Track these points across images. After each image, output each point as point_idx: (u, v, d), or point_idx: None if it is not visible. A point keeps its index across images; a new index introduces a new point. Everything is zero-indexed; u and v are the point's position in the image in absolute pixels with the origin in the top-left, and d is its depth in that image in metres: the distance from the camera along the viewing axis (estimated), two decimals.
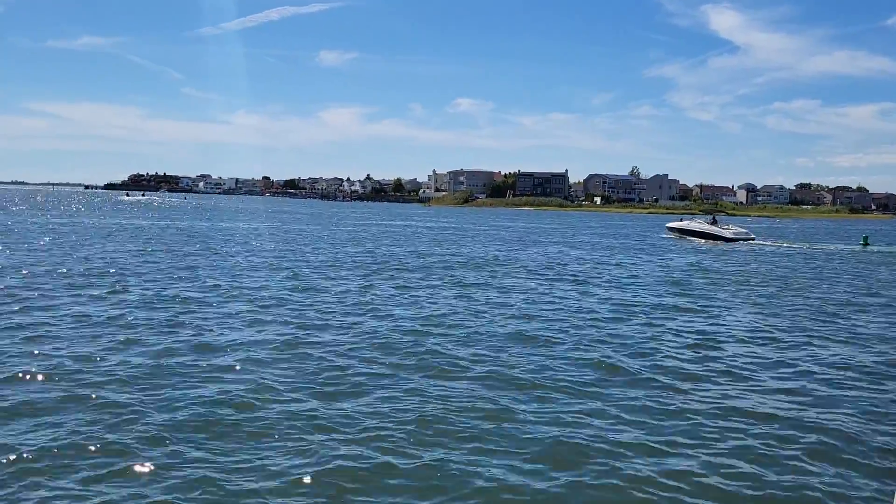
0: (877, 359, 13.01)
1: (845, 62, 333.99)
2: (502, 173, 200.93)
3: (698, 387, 10.70)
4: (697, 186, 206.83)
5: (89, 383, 9.73)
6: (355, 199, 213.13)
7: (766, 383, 11.02)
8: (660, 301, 19.74)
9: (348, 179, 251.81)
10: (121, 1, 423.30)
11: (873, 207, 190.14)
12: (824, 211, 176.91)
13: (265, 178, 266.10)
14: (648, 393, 10.27)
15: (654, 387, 10.60)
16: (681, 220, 58.65)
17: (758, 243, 48.45)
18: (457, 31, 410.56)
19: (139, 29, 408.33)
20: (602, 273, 27.32)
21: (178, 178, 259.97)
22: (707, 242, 48.09)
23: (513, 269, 27.38)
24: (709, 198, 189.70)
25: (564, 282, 23.83)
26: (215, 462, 7.34)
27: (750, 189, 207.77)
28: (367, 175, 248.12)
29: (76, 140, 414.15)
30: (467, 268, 27.54)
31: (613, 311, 17.57)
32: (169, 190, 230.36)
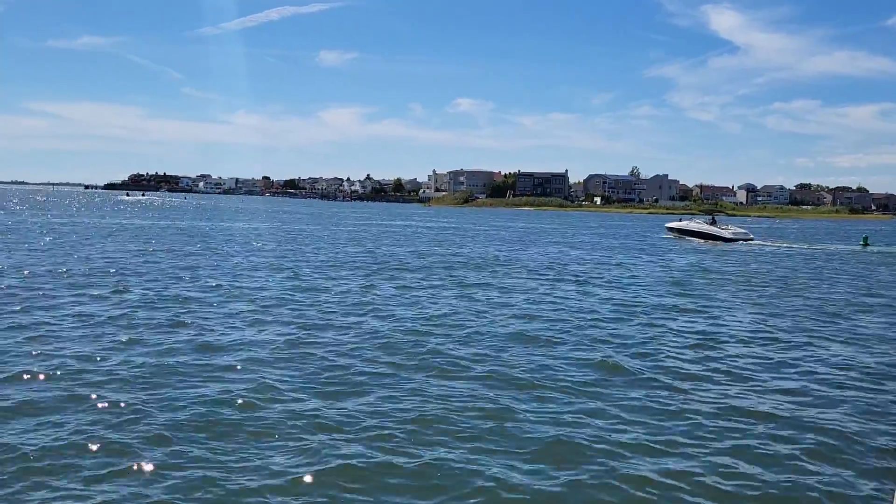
0: (877, 359, 13.03)
1: (845, 62, 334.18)
2: (502, 173, 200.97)
3: (699, 387, 10.72)
4: (697, 187, 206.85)
5: (91, 383, 9.76)
6: (355, 199, 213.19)
7: (767, 383, 11.04)
8: (660, 301, 19.77)
9: (348, 179, 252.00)
10: (121, 1, 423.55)
11: (873, 208, 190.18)
12: (824, 211, 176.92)
13: (265, 178, 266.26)
14: (649, 393, 10.29)
15: (655, 387, 10.63)
16: (680, 221, 58.74)
17: (757, 243, 48.50)
18: (457, 31, 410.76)
19: (139, 29, 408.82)
20: (603, 273, 27.35)
21: (178, 178, 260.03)
22: (706, 242, 48.14)
23: (513, 269, 27.40)
24: (709, 198, 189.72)
25: (565, 282, 23.85)
26: (217, 461, 7.36)
27: (750, 189, 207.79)
28: (367, 175, 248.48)
29: (76, 140, 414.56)
30: (468, 268, 27.57)
31: (614, 311, 17.60)
32: (169, 190, 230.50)
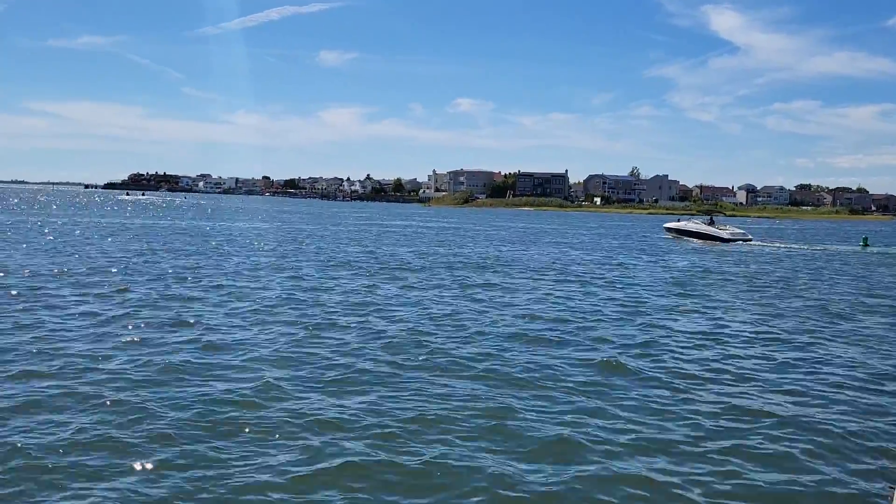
0: (877, 359, 13.08)
1: (845, 63, 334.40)
2: (502, 173, 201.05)
3: (700, 387, 10.76)
4: (697, 187, 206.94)
5: (94, 382, 9.79)
6: (355, 199, 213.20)
7: (767, 383, 11.08)
8: (661, 301, 19.81)
9: (348, 179, 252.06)
10: (121, 0, 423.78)
11: (873, 208, 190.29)
12: (824, 212, 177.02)
13: (265, 178, 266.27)
14: (650, 393, 10.33)
15: (656, 387, 10.66)
16: (678, 221, 58.86)
17: (754, 244, 48.61)
18: (457, 31, 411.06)
19: (139, 28, 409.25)
20: (603, 273, 27.38)
21: (178, 178, 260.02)
22: (705, 243, 48.24)
23: (514, 270, 27.44)
24: (709, 198, 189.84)
25: (566, 282, 23.89)
26: (220, 459, 7.40)
27: (750, 190, 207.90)
28: (367, 175, 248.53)
29: (76, 139, 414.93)
30: (469, 268, 27.60)
31: (615, 312, 17.63)
32: (169, 189, 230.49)
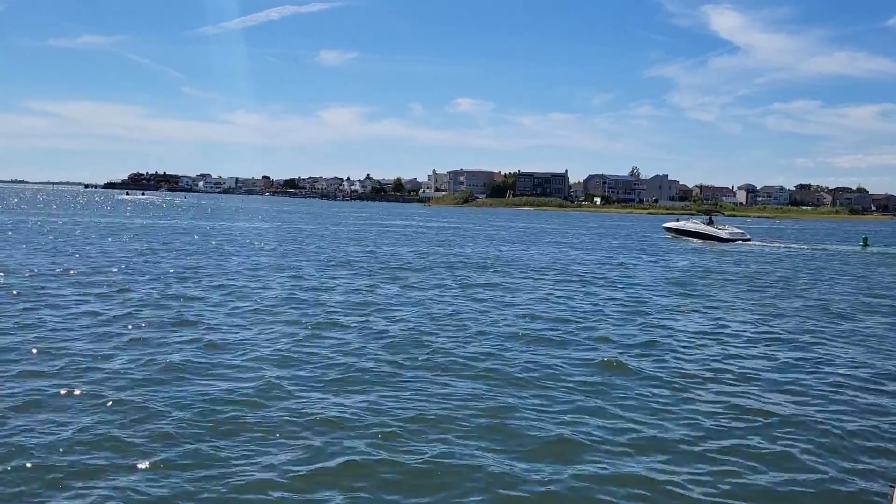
0: (877, 359, 13.11)
1: (845, 63, 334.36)
2: (502, 173, 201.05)
3: (700, 386, 10.79)
4: (697, 187, 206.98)
5: (96, 381, 9.82)
6: (355, 199, 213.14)
7: (768, 383, 11.10)
8: (662, 301, 19.84)
9: (348, 179, 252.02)
10: (121, 0, 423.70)
11: (873, 208, 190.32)
12: (824, 212, 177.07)
13: (265, 178, 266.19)
14: (651, 392, 10.36)
15: (657, 386, 10.69)
16: (677, 221, 58.95)
17: (753, 244, 48.72)
18: (457, 31, 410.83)
19: (140, 28, 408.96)
20: (604, 273, 27.41)
21: (178, 178, 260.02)
22: (704, 243, 48.33)
23: (515, 269, 27.47)
24: (709, 198, 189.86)
25: (566, 282, 23.92)
26: (221, 458, 7.42)
27: (750, 190, 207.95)
28: (367, 175, 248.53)
29: (76, 139, 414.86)
30: (469, 267, 27.63)
31: (616, 311, 17.66)
32: (169, 189, 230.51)
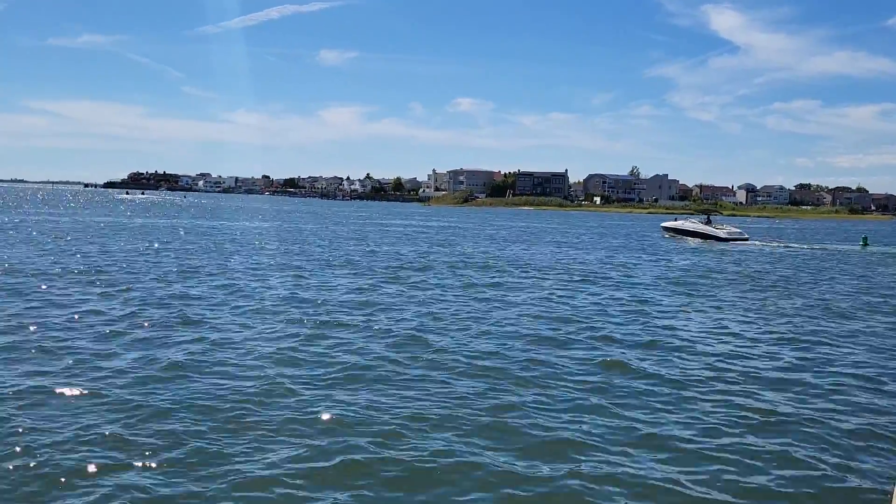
0: (878, 358, 13.13)
1: (845, 63, 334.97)
2: (502, 173, 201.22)
3: (702, 385, 10.81)
4: (697, 186, 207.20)
5: (99, 380, 9.83)
6: (355, 199, 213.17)
7: (769, 382, 11.12)
8: (664, 301, 19.86)
9: (348, 178, 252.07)
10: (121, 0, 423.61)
11: (873, 208, 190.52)
12: (824, 211, 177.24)
13: (265, 177, 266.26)
14: (653, 391, 10.38)
15: (659, 385, 10.71)
16: (675, 220, 59.07)
17: (752, 243, 48.85)
18: (457, 31, 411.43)
19: (140, 27, 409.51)
20: (605, 273, 27.43)
21: (178, 177, 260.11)
22: (703, 242, 48.45)
23: (516, 269, 27.49)
24: (708, 198, 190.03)
25: (568, 281, 23.94)
26: (224, 456, 7.44)
27: (749, 189, 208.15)
28: (367, 174, 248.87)
29: (76, 138, 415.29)
30: (470, 267, 27.65)
31: (618, 311, 17.68)
32: (169, 189, 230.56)
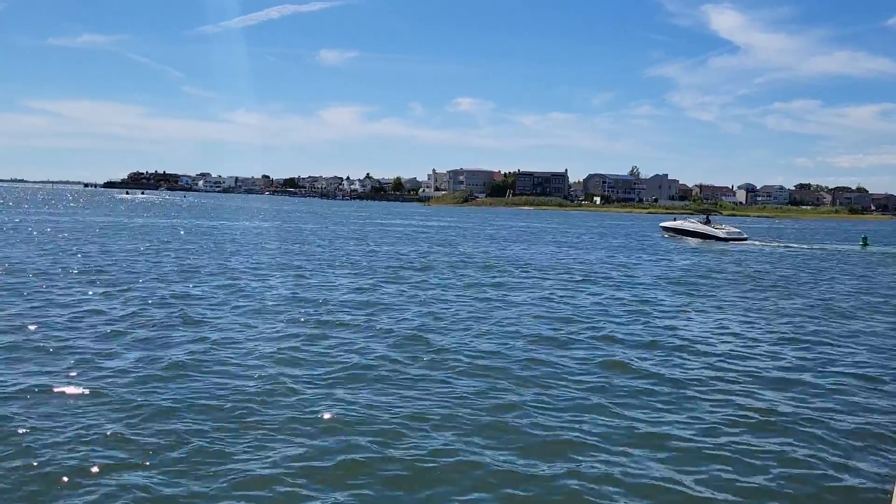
0: (878, 358, 13.16)
1: (845, 63, 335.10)
2: (502, 173, 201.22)
3: (703, 385, 10.83)
4: (697, 186, 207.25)
5: (101, 379, 9.84)
6: (355, 198, 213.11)
7: (770, 382, 11.14)
8: (665, 301, 19.88)
9: (348, 178, 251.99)
10: None
11: (873, 208, 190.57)
12: (824, 211, 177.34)
13: (265, 177, 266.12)
14: (654, 391, 10.41)
15: (660, 385, 10.74)
16: (674, 220, 59.21)
17: (752, 243, 48.97)
18: (457, 31, 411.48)
19: (140, 27, 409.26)
20: (605, 272, 27.47)
21: (178, 177, 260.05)
22: (702, 242, 48.56)
23: (516, 268, 27.52)
24: (708, 198, 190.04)
25: (569, 281, 23.97)
26: (225, 454, 7.46)
27: (749, 189, 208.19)
28: (367, 174, 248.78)
29: (76, 138, 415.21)
30: (471, 267, 27.67)
31: (619, 311, 17.70)
32: (168, 188, 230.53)
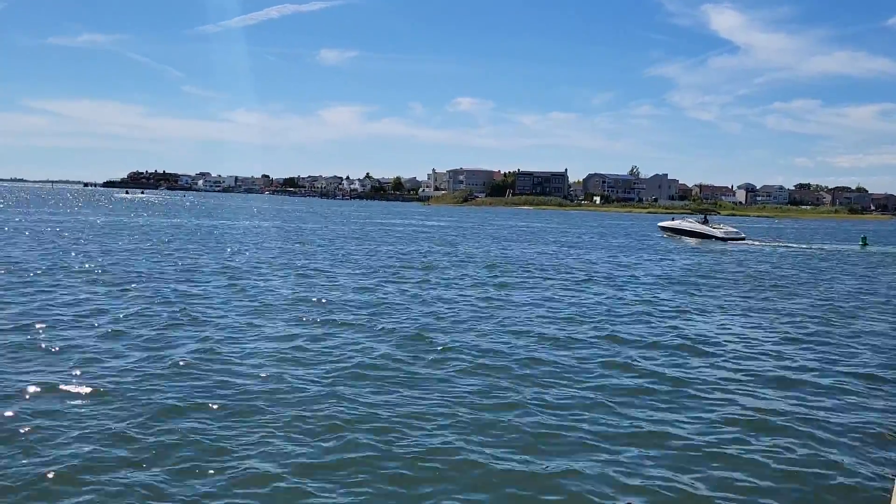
0: (875, 357, 13.20)
1: (845, 62, 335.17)
2: (502, 172, 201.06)
3: (704, 384, 10.88)
4: (697, 186, 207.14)
5: (105, 378, 9.89)
6: (355, 198, 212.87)
7: (771, 381, 11.19)
8: (666, 300, 19.92)
9: (348, 178, 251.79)
10: None
11: (872, 208, 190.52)
12: (823, 211, 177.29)
13: (265, 177, 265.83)
14: (654, 390, 10.45)
15: (661, 384, 10.78)
16: (672, 220, 59.37)
17: (752, 243, 49.09)
18: (457, 31, 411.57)
19: (140, 27, 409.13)
20: (606, 272, 27.51)
21: (178, 177, 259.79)
22: (700, 242, 48.70)
23: (517, 268, 27.56)
24: (708, 197, 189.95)
25: (570, 280, 24.00)
26: (227, 451, 7.52)
27: (749, 189, 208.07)
28: (367, 174, 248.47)
29: (76, 137, 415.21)
30: (472, 266, 27.70)
31: (620, 310, 17.74)
32: (168, 188, 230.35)
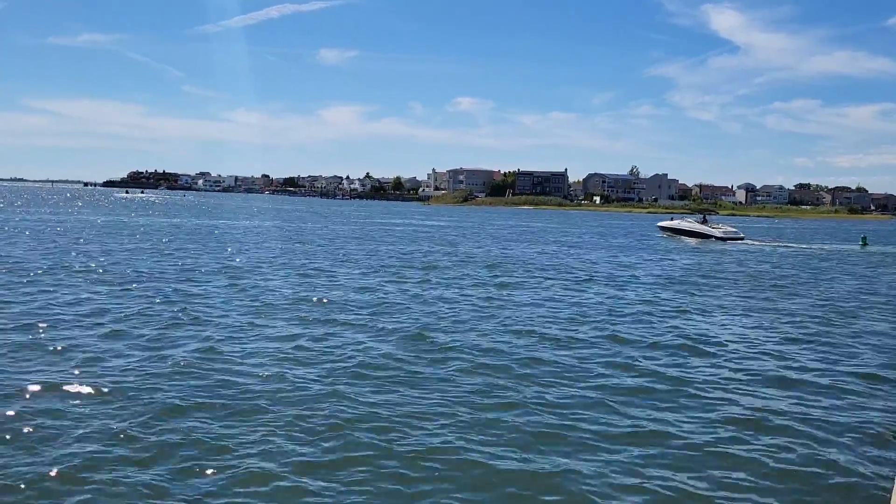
0: (876, 358, 13.23)
1: (845, 62, 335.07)
2: (502, 172, 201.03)
3: (705, 384, 10.90)
4: (697, 186, 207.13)
5: (106, 378, 9.90)
6: (355, 198, 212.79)
7: (771, 381, 11.21)
8: (667, 300, 19.93)
9: (348, 178, 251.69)
10: None
11: (872, 208, 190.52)
12: (823, 211, 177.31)
13: (265, 176, 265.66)
14: (655, 389, 10.48)
15: (661, 384, 10.81)
16: (671, 220, 59.53)
17: (752, 243, 49.17)
18: (457, 31, 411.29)
19: (140, 26, 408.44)
20: (607, 272, 27.53)
21: (178, 176, 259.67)
22: (699, 241, 48.80)
23: (518, 268, 27.58)
24: (708, 197, 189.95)
25: (571, 280, 24.03)
26: (228, 450, 7.55)
27: (749, 189, 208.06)
28: (367, 173, 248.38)
29: (76, 137, 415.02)
30: (472, 266, 27.71)
31: (621, 310, 17.75)
32: (168, 188, 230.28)
